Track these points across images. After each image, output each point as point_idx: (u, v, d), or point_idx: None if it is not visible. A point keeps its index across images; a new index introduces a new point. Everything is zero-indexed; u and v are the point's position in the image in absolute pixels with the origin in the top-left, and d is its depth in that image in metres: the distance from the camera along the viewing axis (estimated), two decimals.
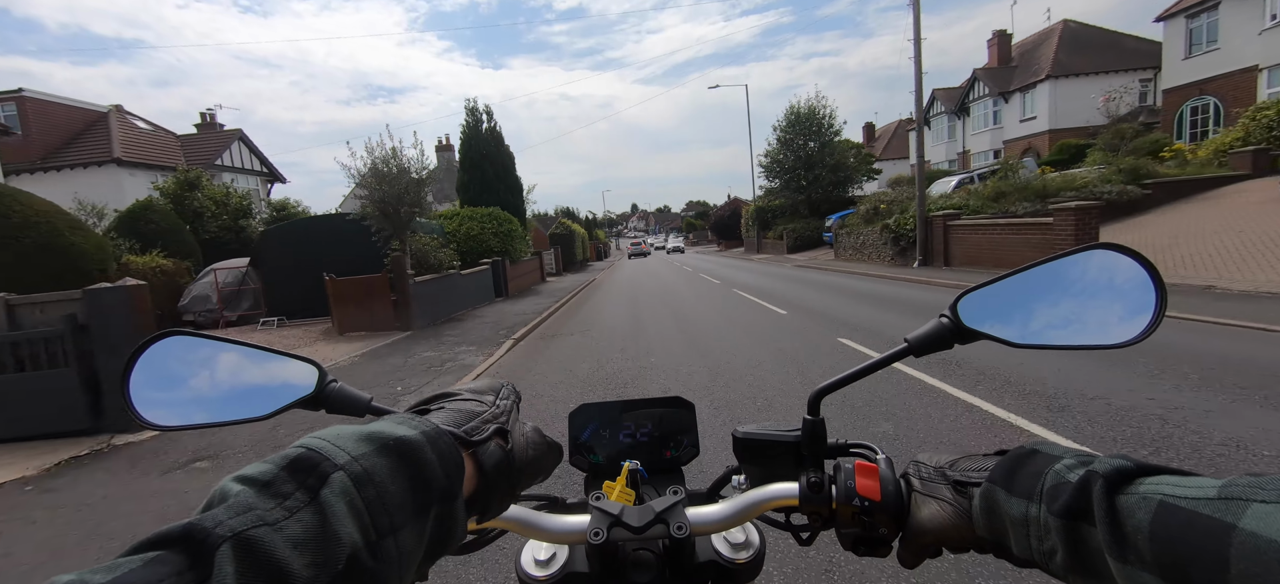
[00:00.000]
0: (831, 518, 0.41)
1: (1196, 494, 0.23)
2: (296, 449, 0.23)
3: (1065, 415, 2.99)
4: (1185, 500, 0.23)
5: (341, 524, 0.22)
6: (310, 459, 0.23)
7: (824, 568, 1.88)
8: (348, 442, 0.25)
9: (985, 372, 3.75)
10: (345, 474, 0.23)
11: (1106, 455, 0.28)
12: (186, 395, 0.44)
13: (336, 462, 0.23)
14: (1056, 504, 0.28)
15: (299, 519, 0.21)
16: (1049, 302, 0.41)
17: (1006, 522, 0.31)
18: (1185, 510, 0.23)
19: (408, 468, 0.25)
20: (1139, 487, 0.25)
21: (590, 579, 0.46)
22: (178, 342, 0.44)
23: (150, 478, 3.21)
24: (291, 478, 0.22)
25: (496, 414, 0.35)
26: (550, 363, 5.47)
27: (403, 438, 0.26)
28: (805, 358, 4.78)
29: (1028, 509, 0.30)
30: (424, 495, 0.25)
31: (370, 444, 0.25)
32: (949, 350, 0.42)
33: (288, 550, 0.20)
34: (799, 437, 0.45)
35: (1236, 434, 2.60)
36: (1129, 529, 0.24)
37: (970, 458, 0.38)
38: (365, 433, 0.26)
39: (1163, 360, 3.68)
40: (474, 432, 0.31)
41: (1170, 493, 0.24)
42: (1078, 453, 0.30)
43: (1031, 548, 0.30)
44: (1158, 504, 0.24)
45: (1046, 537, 0.28)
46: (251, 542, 0.19)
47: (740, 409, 3.53)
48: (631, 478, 0.50)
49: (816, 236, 22.22)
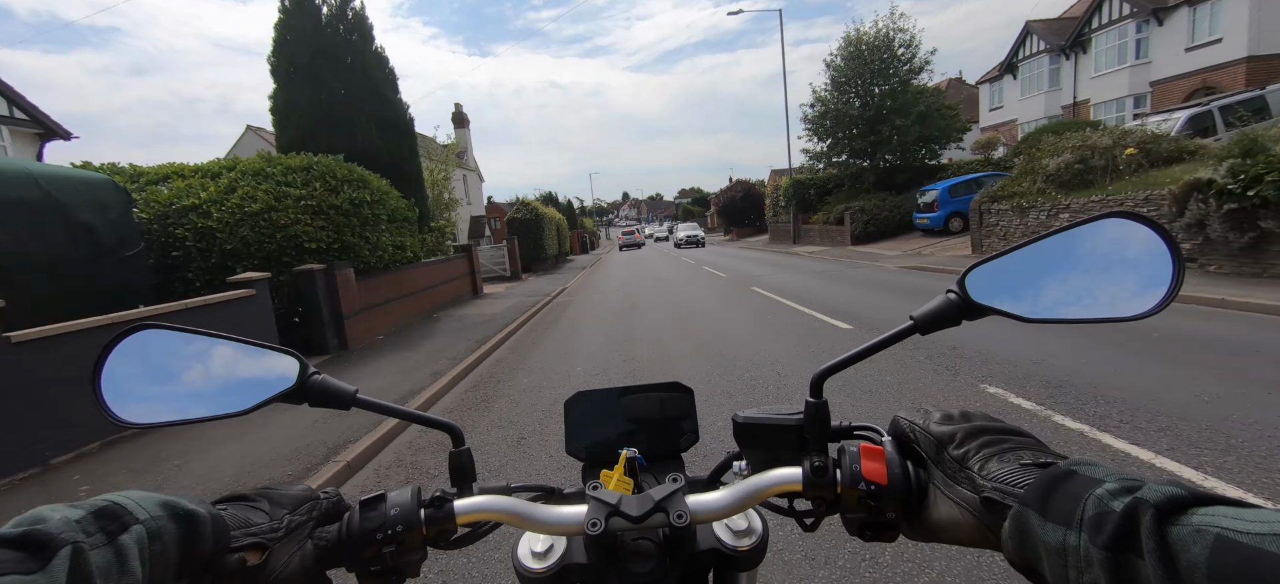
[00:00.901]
0: (836, 503, 0.52)
1: (1259, 529, 0.26)
2: (105, 500, 0.37)
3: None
4: (1246, 535, 0.26)
5: (133, 565, 0.35)
6: (115, 510, 0.37)
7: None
8: (150, 503, 0.39)
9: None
10: (143, 528, 0.37)
11: (1155, 482, 0.33)
12: (163, 391, 0.55)
13: (137, 516, 0.38)
14: (1100, 535, 0.32)
15: (102, 552, 0.34)
16: (1061, 273, 0.52)
17: (1041, 549, 0.36)
18: (1246, 546, 0.26)
19: (188, 539, 0.40)
20: (1191, 517, 0.29)
21: (589, 570, 0.58)
22: (153, 335, 0.54)
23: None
24: (96, 521, 0.35)
25: (268, 530, 0.48)
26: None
27: (193, 512, 0.41)
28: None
29: (1066, 537, 0.34)
30: (189, 564, 0.40)
31: (166, 510, 0.40)
32: (957, 327, 0.51)
33: (95, 574, 0.33)
34: (801, 420, 0.55)
35: None
36: (1182, 565, 0.27)
37: (998, 448, 0.45)
38: (165, 501, 0.40)
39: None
40: (233, 539, 0.45)
41: (1228, 526, 0.27)
42: (1121, 476, 0.35)
43: (1069, 579, 0.34)
44: (1215, 538, 0.27)
45: (1087, 569, 0.32)
46: (81, 553, 0.33)
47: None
48: (630, 466, 0.62)
49: (901, 219, 19.58)
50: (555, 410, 4.65)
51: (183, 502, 0.41)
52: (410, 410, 0.62)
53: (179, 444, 4.39)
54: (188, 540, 0.40)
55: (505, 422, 4.61)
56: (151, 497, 0.40)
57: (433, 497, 0.53)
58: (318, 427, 4.49)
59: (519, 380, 5.95)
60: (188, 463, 4.09)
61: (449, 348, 7.56)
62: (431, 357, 7.11)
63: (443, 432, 0.62)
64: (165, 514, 0.39)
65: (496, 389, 5.71)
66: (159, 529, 0.38)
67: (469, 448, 0.62)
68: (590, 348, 7.24)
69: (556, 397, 5.11)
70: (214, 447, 4.31)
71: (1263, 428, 3.14)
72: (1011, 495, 0.40)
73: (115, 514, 0.37)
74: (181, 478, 3.84)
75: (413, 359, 7.10)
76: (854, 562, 2.23)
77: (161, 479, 3.87)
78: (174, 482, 3.81)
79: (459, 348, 7.51)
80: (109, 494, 0.38)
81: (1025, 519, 0.37)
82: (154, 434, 4.57)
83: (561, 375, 5.96)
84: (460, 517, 0.53)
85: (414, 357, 7.24)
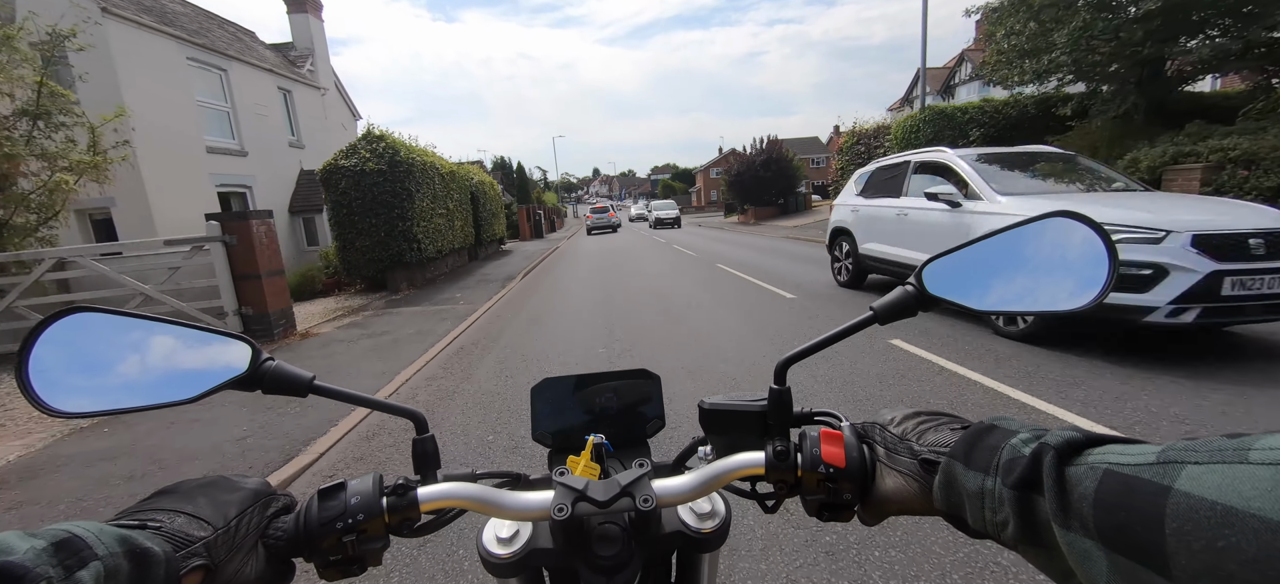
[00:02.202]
0: (797, 485, 0.54)
1: (1138, 460, 0.30)
2: (64, 532, 0.36)
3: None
4: (1128, 467, 0.30)
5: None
6: (75, 543, 0.36)
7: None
8: (108, 538, 0.38)
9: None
10: (101, 564, 0.36)
11: (1058, 430, 0.37)
12: (102, 379, 0.52)
13: (96, 552, 0.36)
14: (1010, 477, 0.37)
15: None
16: (1009, 267, 0.57)
17: (963, 495, 0.41)
18: (1127, 476, 0.29)
19: (139, 575, 0.39)
20: (1087, 456, 0.33)
21: (554, 555, 0.58)
22: (88, 318, 0.51)
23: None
24: (55, 554, 0.34)
25: (213, 543, 0.45)
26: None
27: (148, 550, 0.40)
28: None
29: (984, 482, 0.39)
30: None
31: (123, 545, 0.39)
32: (913, 318, 0.53)
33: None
34: (765, 406, 0.57)
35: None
36: (1075, 498, 0.31)
37: (933, 424, 0.50)
38: (122, 535, 0.39)
39: None
40: (177, 567, 0.43)
41: (1115, 460, 0.31)
42: (1033, 427, 0.40)
43: (985, 519, 0.39)
44: (1103, 472, 0.31)
45: (1000, 508, 0.37)
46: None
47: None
48: (596, 452, 0.63)
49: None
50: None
51: (136, 538, 0.40)
52: (371, 397, 0.60)
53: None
54: (138, 579, 0.38)
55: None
56: (109, 530, 0.39)
57: (395, 484, 0.53)
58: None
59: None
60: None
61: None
62: None
63: (406, 419, 0.61)
64: (122, 550, 0.38)
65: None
66: (115, 567, 0.37)
67: (433, 435, 0.62)
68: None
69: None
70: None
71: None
72: (941, 453, 0.45)
73: (75, 548, 0.35)
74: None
75: None
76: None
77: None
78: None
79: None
80: (66, 524, 0.37)
81: (951, 470, 0.42)
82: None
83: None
84: (424, 504, 0.53)
85: None
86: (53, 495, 3.30)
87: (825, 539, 2.31)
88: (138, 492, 3.23)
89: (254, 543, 0.49)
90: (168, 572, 0.40)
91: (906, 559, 2.15)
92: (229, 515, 0.47)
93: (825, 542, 2.29)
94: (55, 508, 3.14)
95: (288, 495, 0.54)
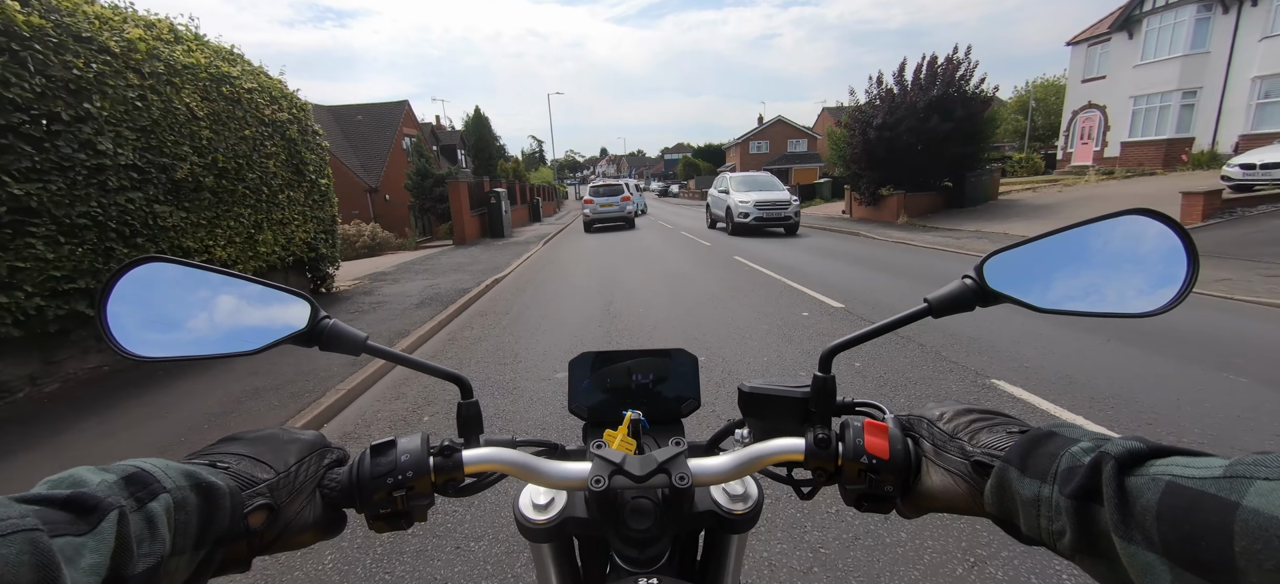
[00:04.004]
0: (836, 475, 0.54)
1: (1203, 474, 0.29)
2: (133, 466, 0.38)
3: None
4: (1192, 480, 0.29)
5: (162, 532, 0.37)
6: (144, 477, 0.38)
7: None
8: (175, 473, 0.40)
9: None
10: (170, 496, 0.38)
11: (1120, 438, 0.36)
12: (171, 326, 0.55)
13: (164, 485, 0.38)
14: (1069, 486, 0.36)
15: (135, 518, 0.35)
16: (1076, 266, 0.54)
17: (1017, 501, 0.40)
18: (1192, 490, 0.29)
19: (207, 509, 0.41)
20: (1150, 468, 0.32)
21: (587, 525, 0.59)
22: (160, 268, 0.54)
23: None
24: (127, 487, 0.36)
25: (275, 486, 0.47)
26: None
27: (214, 484, 0.42)
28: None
29: (1040, 490, 0.38)
30: (206, 534, 0.41)
31: (189, 480, 0.40)
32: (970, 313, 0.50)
33: (133, 539, 0.34)
34: (807, 393, 0.57)
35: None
36: (1137, 510, 0.31)
37: (986, 424, 0.49)
38: (187, 471, 0.41)
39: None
40: (242, 503, 0.44)
41: (1179, 473, 0.30)
42: (1094, 436, 0.39)
43: (1040, 527, 0.38)
44: (1166, 484, 0.30)
45: (1056, 517, 0.36)
46: (125, 518, 0.34)
47: None
48: (633, 427, 0.64)
49: None
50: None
51: (203, 473, 0.42)
52: (420, 360, 0.62)
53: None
54: (206, 511, 0.41)
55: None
56: (175, 465, 0.41)
57: (442, 445, 0.54)
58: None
59: None
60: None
61: None
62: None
63: (452, 382, 0.63)
64: (188, 484, 0.40)
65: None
66: (183, 499, 0.39)
67: (477, 400, 0.63)
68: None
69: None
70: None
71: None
72: (996, 457, 0.44)
73: (144, 481, 0.37)
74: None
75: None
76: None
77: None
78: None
79: None
80: (135, 460, 0.39)
81: (1006, 475, 0.41)
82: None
83: None
84: (468, 466, 0.54)
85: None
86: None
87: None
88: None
89: (312, 490, 0.51)
90: (233, 506, 0.43)
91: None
92: (289, 462, 0.50)
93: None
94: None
95: (341, 449, 0.56)
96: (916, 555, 2.16)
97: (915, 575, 2.07)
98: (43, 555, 0.28)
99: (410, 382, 4.44)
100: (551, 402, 3.86)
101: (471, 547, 2.35)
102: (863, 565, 2.13)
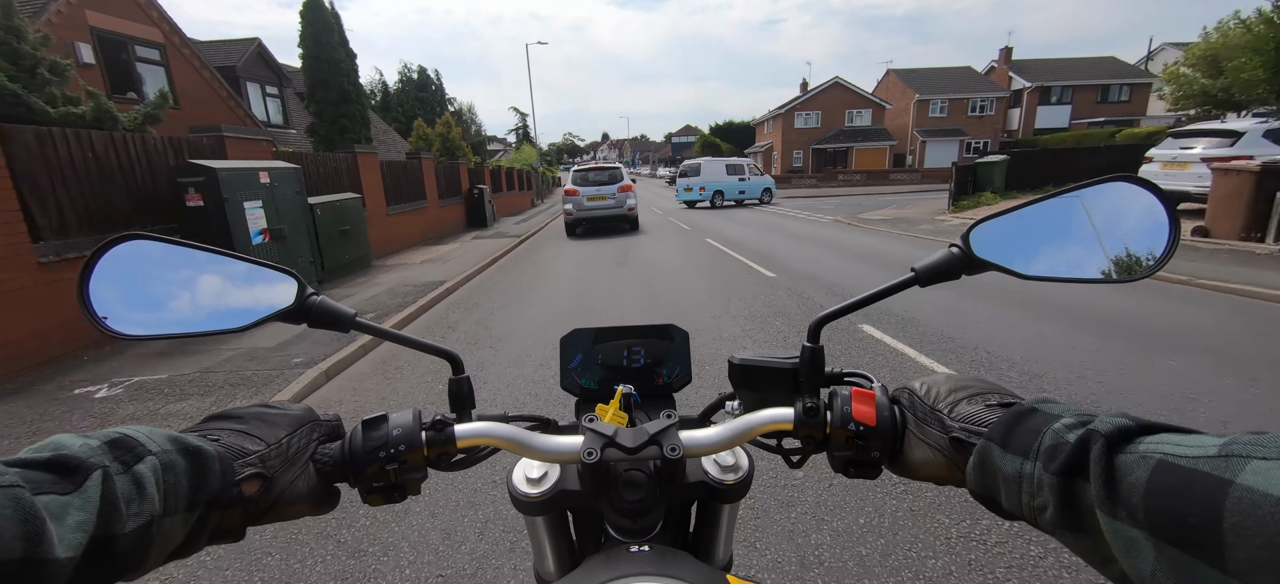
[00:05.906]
0: (824, 442, 0.55)
1: (1197, 452, 0.29)
2: (116, 432, 0.38)
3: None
4: (1185, 459, 0.29)
5: (151, 493, 0.37)
6: (128, 441, 0.38)
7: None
8: (159, 437, 0.40)
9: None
10: (156, 459, 0.38)
11: (1107, 414, 0.36)
12: (156, 304, 0.54)
13: (149, 448, 0.38)
14: (1053, 463, 0.35)
15: (123, 480, 0.35)
16: (1062, 233, 0.54)
17: (999, 478, 0.40)
18: (1184, 468, 0.29)
19: (196, 473, 0.41)
20: (1139, 445, 0.32)
21: (581, 497, 0.60)
22: (143, 246, 0.53)
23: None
24: (111, 450, 0.36)
25: (267, 456, 0.47)
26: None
27: (200, 448, 0.42)
28: None
29: (1022, 466, 0.38)
30: (198, 495, 0.41)
31: (175, 444, 0.40)
32: (956, 281, 0.51)
33: (120, 499, 0.34)
34: (795, 363, 0.57)
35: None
36: (1124, 487, 0.31)
37: (966, 394, 0.49)
38: (172, 436, 0.41)
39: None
40: (233, 473, 0.44)
41: (1170, 451, 0.30)
42: (1078, 411, 0.39)
43: (1021, 503, 0.38)
44: (1157, 462, 0.30)
45: (1038, 493, 0.36)
46: (110, 478, 0.34)
47: None
48: (625, 401, 0.64)
49: None
50: None
51: (189, 438, 0.42)
52: (409, 336, 0.62)
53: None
54: (195, 473, 0.41)
55: None
56: (159, 431, 0.41)
57: (433, 420, 0.55)
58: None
59: None
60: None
61: None
62: None
63: (443, 358, 0.63)
64: (174, 448, 0.40)
65: None
66: (170, 462, 0.39)
67: (468, 376, 0.63)
68: None
69: None
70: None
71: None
72: (976, 433, 0.44)
73: (128, 445, 0.37)
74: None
75: None
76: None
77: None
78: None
79: None
80: (118, 426, 0.39)
81: (988, 453, 0.41)
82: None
83: None
84: (460, 441, 0.54)
85: None
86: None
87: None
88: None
89: (305, 462, 0.51)
90: (223, 470, 0.43)
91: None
92: (279, 434, 0.50)
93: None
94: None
95: (333, 417, 0.56)
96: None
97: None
98: (26, 510, 0.28)
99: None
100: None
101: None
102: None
